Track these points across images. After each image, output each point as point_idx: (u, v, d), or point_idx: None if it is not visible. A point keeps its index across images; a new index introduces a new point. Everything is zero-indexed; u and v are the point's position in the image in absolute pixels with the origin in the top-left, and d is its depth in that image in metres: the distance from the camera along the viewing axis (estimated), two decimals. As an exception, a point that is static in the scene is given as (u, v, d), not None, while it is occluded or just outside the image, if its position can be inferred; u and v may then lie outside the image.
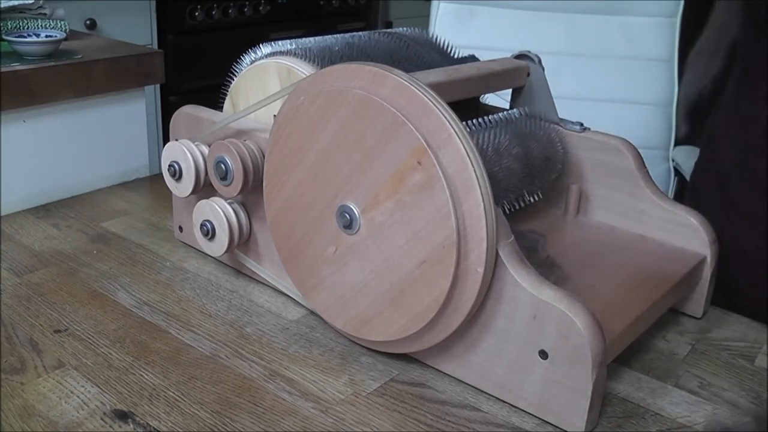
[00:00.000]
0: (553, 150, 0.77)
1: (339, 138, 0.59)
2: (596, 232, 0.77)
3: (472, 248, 0.55)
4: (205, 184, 0.76)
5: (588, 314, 0.54)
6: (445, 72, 0.70)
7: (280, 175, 0.65)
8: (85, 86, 0.99)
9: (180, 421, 0.57)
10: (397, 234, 0.57)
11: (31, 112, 0.96)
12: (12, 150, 0.94)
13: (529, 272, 0.57)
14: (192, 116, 0.79)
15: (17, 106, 0.93)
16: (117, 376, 0.62)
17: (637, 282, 0.68)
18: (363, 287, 0.61)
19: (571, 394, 0.55)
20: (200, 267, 0.81)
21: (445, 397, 0.61)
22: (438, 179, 0.54)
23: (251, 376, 0.63)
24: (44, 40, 0.98)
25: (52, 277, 0.78)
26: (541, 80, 0.80)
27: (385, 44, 0.78)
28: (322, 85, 0.61)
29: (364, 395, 0.61)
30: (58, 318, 0.70)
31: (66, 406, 0.58)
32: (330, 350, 0.67)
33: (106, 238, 0.87)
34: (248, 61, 0.75)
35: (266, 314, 0.72)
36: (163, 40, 2.22)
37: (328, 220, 0.62)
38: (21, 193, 0.96)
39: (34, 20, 1.04)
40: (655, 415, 0.60)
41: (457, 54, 0.82)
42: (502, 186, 0.70)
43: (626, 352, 0.65)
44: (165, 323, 0.70)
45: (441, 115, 0.55)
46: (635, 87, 1.41)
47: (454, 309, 0.57)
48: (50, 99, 0.96)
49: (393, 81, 0.57)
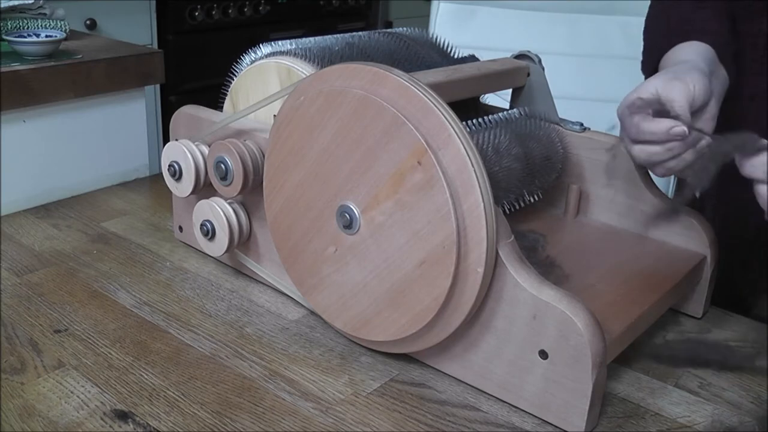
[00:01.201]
0: (553, 150, 0.77)
1: (339, 138, 0.59)
2: (596, 232, 0.77)
3: (472, 248, 0.55)
4: (205, 184, 0.76)
5: (588, 314, 0.54)
6: (445, 72, 0.70)
7: (280, 175, 0.65)
8: (85, 86, 0.99)
9: (180, 421, 0.57)
10: (397, 234, 0.57)
11: (31, 112, 0.96)
12: (12, 150, 0.94)
13: (529, 272, 0.57)
14: (192, 116, 0.79)
15: (17, 106, 0.93)
16: (117, 376, 0.62)
17: (637, 282, 0.68)
18: (363, 287, 0.61)
19: (571, 394, 0.55)
20: (200, 267, 0.81)
21: (445, 397, 0.61)
22: (438, 179, 0.54)
23: (251, 376, 0.63)
24: (44, 40, 0.98)
25: (52, 277, 0.78)
26: (541, 80, 0.80)
27: (385, 44, 0.78)
28: (322, 85, 0.61)
29: (364, 395, 0.61)
30: (58, 318, 0.70)
31: (66, 406, 0.58)
32: (330, 350, 0.67)
33: (106, 238, 0.87)
34: (248, 61, 0.75)
35: (266, 314, 0.72)
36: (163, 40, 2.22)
37: (328, 220, 0.62)
38: (21, 193, 0.96)
39: (34, 20, 1.04)
40: (655, 415, 0.60)
41: (457, 54, 0.82)
42: (502, 186, 0.70)
43: (626, 352, 0.65)
44: (165, 323, 0.70)
45: (441, 115, 0.55)
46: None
47: (454, 309, 0.57)
48: (50, 99, 0.96)
49: (393, 81, 0.57)
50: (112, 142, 1.06)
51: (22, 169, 0.96)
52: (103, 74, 1.01)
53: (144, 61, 1.06)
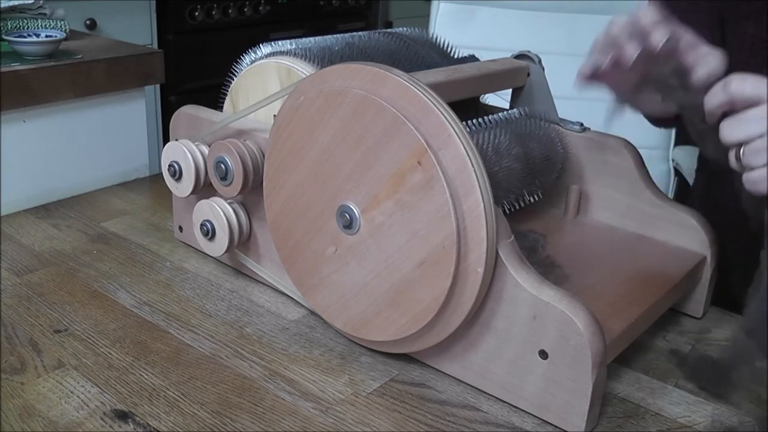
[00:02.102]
0: (553, 150, 0.77)
1: (339, 138, 0.59)
2: (596, 232, 0.77)
3: (472, 248, 0.55)
4: (205, 184, 0.76)
5: (588, 314, 0.54)
6: (445, 72, 0.70)
7: (280, 175, 0.65)
8: (85, 86, 0.99)
9: (180, 421, 0.57)
10: (397, 234, 0.57)
11: (31, 112, 0.96)
12: (12, 150, 0.94)
13: (529, 272, 0.57)
14: (192, 116, 0.79)
15: (17, 106, 0.93)
16: (117, 376, 0.62)
17: (637, 282, 0.68)
18: (363, 287, 0.61)
19: (571, 394, 0.55)
20: (200, 267, 0.81)
21: (445, 397, 0.61)
22: (438, 179, 0.54)
23: (251, 376, 0.63)
24: (44, 40, 0.98)
25: (52, 277, 0.78)
26: (541, 80, 0.80)
27: (385, 44, 0.78)
28: (322, 85, 0.61)
29: (364, 395, 0.61)
30: (58, 318, 0.70)
31: (66, 406, 0.58)
32: (330, 350, 0.67)
33: (106, 238, 0.87)
34: (248, 61, 0.75)
35: (266, 314, 0.72)
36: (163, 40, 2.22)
37: (328, 220, 0.62)
38: (21, 193, 0.96)
39: (34, 20, 1.04)
40: (655, 415, 0.60)
41: (457, 54, 0.82)
42: (502, 186, 0.70)
43: (626, 352, 0.65)
44: (165, 323, 0.70)
45: (441, 115, 0.55)
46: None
47: (454, 309, 0.57)
48: (50, 99, 0.96)
49: (393, 81, 0.57)
50: (112, 142, 1.06)
51: (22, 169, 0.96)
52: (103, 74, 1.01)
53: (144, 61, 1.06)
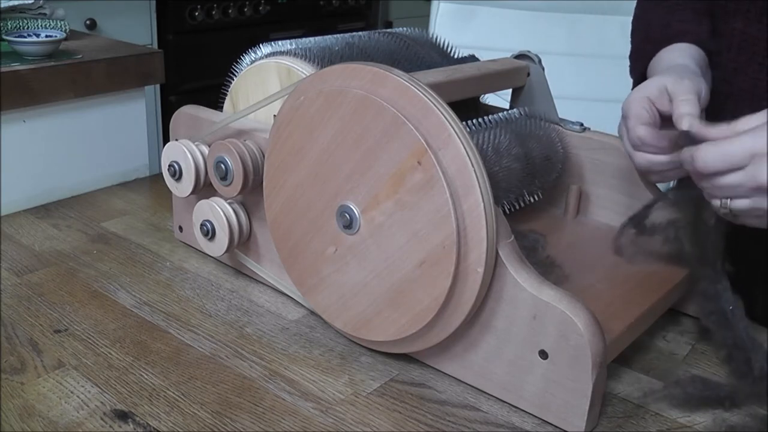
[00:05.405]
0: (553, 150, 0.77)
1: (339, 138, 0.59)
2: (596, 232, 0.77)
3: (472, 248, 0.55)
4: (205, 184, 0.76)
5: (588, 314, 0.54)
6: (445, 72, 0.70)
7: (280, 175, 0.65)
8: (85, 86, 0.99)
9: (180, 421, 0.57)
10: (397, 234, 0.57)
11: (31, 112, 0.96)
12: (12, 150, 0.94)
13: (529, 272, 0.57)
14: (192, 116, 0.79)
15: (17, 106, 0.93)
16: (117, 376, 0.62)
17: (637, 282, 0.68)
18: (363, 287, 0.61)
19: (571, 394, 0.55)
20: (200, 267, 0.81)
21: (445, 397, 0.61)
22: (438, 179, 0.54)
23: (251, 376, 0.63)
24: (44, 40, 0.98)
25: (52, 277, 0.78)
26: (541, 80, 0.80)
27: (385, 44, 0.78)
28: (322, 85, 0.61)
29: (364, 395, 0.61)
30: (58, 318, 0.70)
31: (66, 406, 0.58)
32: (330, 350, 0.67)
33: (106, 238, 0.87)
34: (248, 61, 0.75)
35: (266, 314, 0.72)
36: (163, 40, 2.22)
37: (328, 220, 0.62)
38: (21, 193, 0.96)
39: (34, 20, 1.04)
40: (655, 415, 0.60)
41: (457, 54, 0.82)
42: (502, 186, 0.70)
43: (626, 352, 0.65)
44: (165, 323, 0.70)
45: (441, 115, 0.55)
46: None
47: (454, 309, 0.57)
48: (50, 99, 0.96)
49: (393, 81, 0.57)
50: (112, 142, 1.06)
51: (22, 169, 0.96)
52: (103, 74, 1.01)
53: (144, 61, 1.06)
